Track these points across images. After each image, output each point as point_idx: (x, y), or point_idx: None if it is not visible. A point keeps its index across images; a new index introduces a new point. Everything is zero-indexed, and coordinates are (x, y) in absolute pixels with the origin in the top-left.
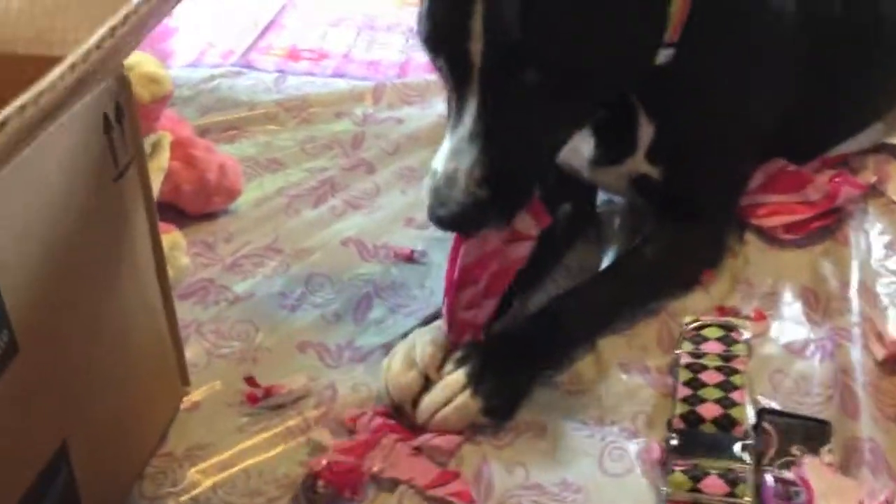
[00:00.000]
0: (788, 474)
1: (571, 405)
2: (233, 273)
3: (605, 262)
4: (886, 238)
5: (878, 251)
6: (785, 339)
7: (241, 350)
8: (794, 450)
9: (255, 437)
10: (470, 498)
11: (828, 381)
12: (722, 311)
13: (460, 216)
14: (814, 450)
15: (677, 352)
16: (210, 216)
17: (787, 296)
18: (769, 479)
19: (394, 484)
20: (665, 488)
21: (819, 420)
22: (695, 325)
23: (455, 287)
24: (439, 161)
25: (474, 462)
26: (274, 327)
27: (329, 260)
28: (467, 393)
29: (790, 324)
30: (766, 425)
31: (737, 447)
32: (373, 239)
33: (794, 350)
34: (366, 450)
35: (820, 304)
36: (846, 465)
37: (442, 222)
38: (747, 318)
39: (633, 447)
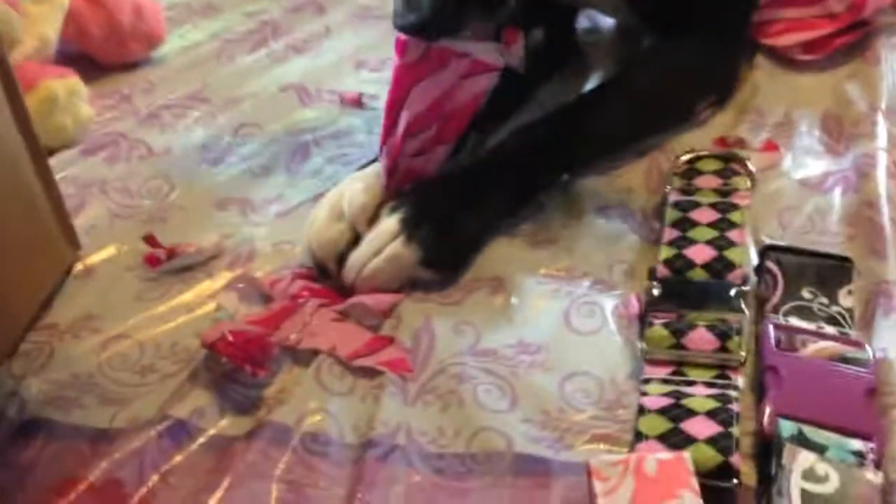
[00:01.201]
0: (796, 321)
1: (536, 257)
2: (149, 125)
3: None
4: None
5: None
6: (799, 172)
7: (151, 209)
8: (805, 293)
9: (155, 306)
10: (406, 367)
11: (850, 216)
12: (723, 142)
13: (433, 17)
14: (830, 293)
15: (666, 189)
16: (129, 66)
17: (804, 124)
18: (771, 329)
19: (312, 356)
20: (642, 345)
21: (837, 256)
22: (689, 158)
23: (403, 134)
24: None
25: (414, 323)
26: (191, 183)
27: (263, 108)
28: (400, 240)
29: (807, 156)
30: (770, 265)
31: (731, 294)
32: (316, 84)
33: (811, 184)
34: (282, 319)
35: (844, 131)
36: (871, 312)
37: (412, 28)
38: (754, 150)
39: (607, 302)
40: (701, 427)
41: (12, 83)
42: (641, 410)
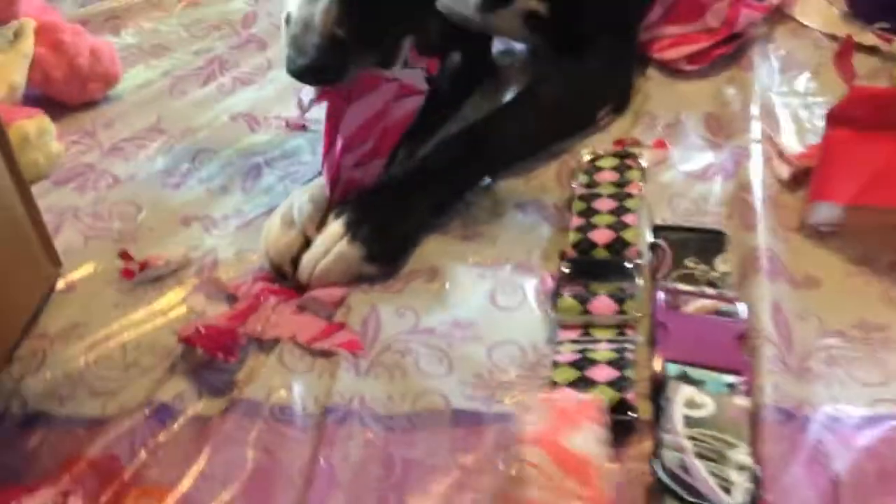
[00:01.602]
0: (680, 286)
1: (465, 249)
2: (113, 156)
3: None
4: (790, 60)
5: (780, 74)
6: (686, 165)
7: (122, 230)
8: (689, 262)
9: (133, 313)
10: (358, 346)
11: (727, 199)
12: (621, 143)
13: (320, 63)
14: (709, 261)
15: (573, 185)
16: (89, 105)
17: (689, 124)
18: (660, 293)
19: (275, 343)
20: (554, 314)
21: (713, 230)
22: (591, 157)
23: (342, 150)
24: (293, 5)
25: (362, 311)
26: (156, 205)
27: (216, 136)
28: (345, 241)
29: (691, 151)
30: (659, 241)
31: (627, 267)
32: (264, 112)
33: (695, 175)
34: (247, 315)
35: (722, 127)
36: (744, 274)
37: (302, 73)
38: (648, 147)
39: (527, 282)
40: (602, 373)
41: None
42: (555, 365)
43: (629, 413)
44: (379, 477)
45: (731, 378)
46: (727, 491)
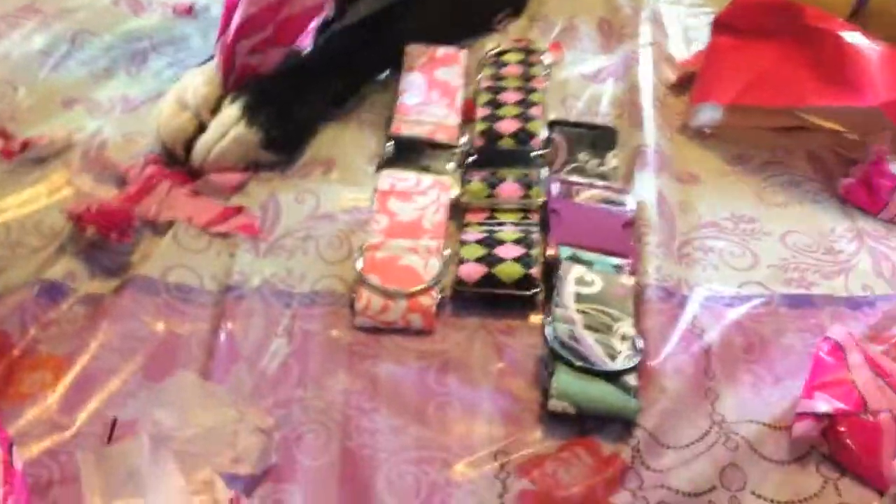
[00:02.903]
0: (573, 177)
1: (362, 138)
2: None
3: None
4: None
5: None
6: (579, 68)
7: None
8: (582, 156)
9: (15, 192)
10: (255, 230)
11: (618, 100)
12: (520, 42)
13: None
14: (600, 155)
15: (478, 78)
16: None
17: (583, 28)
18: (554, 183)
19: (170, 226)
20: (463, 198)
21: (605, 127)
22: (496, 51)
23: (235, 34)
24: None
25: (261, 196)
26: (34, 85)
27: (97, 18)
28: (242, 124)
29: (585, 53)
30: (555, 136)
31: (532, 155)
32: None
33: (589, 77)
34: (140, 197)
35: (614, 32)
36: (632, 168)
37: None
38: (544, 50)
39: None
40: (509, 251)
41: None
42: (462, 244)
43: (532, 289)
44: (280, 346)
45: (617, 260)
46: (612, 358)
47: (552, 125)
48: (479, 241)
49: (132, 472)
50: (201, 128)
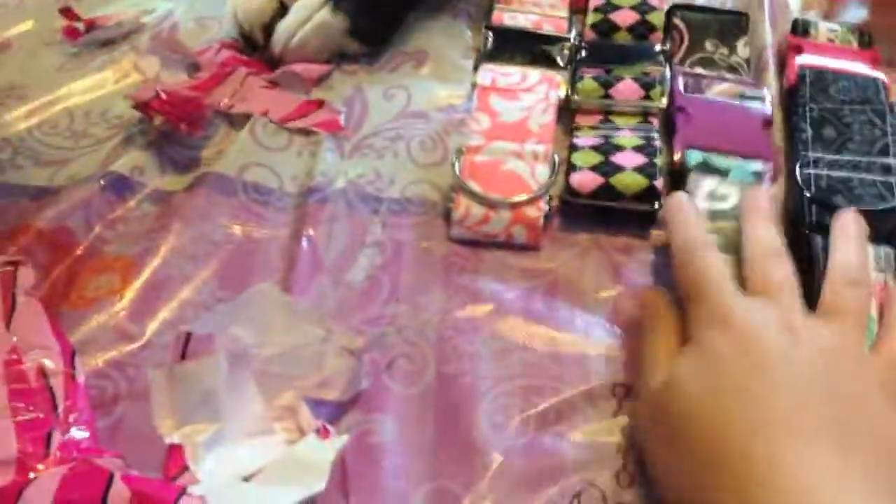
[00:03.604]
0: (700, 69)
1: (457, 29)
2: None
3: None
4: None
5: None
6: None
7: None
8: (708, 45)
9: (80, 77)
10: (338, 126)
11: None
12: None
13: None
14: (729, 45)
15: None
16: None
17: None
18: (679, 76)
19: (245, 119)
20: (575, 98)
21: (735, 12)
22: None
23: None
24: None
25: (344, 91)
26: None
27: None
28: (327, 9)
29: None
30: (676, 22)
31: (653, 51)
32: None
33: None
34: (212, 85)
35: None
36: (763, 63)
37: None
38: None
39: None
40: (629, 159)
41: None
42: (574, 148)
43: (656, 202)
44: (368, 257)
45: (758, 165)
46: None
47: (672, 10)
48: (593, 147)
49: (208, 393)
50: (283, 10)
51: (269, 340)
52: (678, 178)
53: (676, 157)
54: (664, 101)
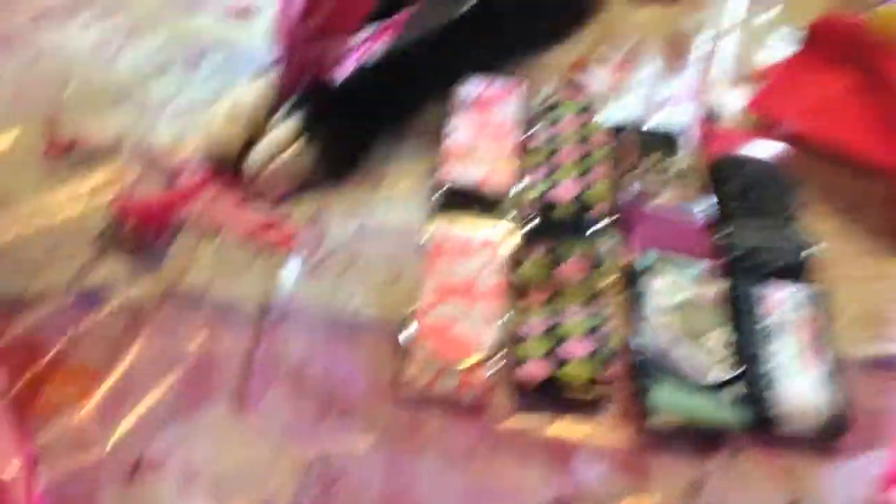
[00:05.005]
0: (648, 179)
1: (414, 153)
2: (36, 28)
3: None
4: None
5: None
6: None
7: (50, 101)
8: (654, 157)
9: (56, 193)
10: (291, 242)
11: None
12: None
13: None
14: (671, 156)
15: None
16: None
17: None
18: (630, 187)
19: (214, 233)
20: (521, 277)
21: (669, 132)
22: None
23: (302, 14)
24: None
25: (308, 211)
26: (88, 77)
27: (151, 14)
28: (299, 144)
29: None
30: (624, 137)
31: (596, 228)
32: None
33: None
34: (186, 199)
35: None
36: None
37: None
38: None
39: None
40: (576, 347)
41: None
42: (521, 340)
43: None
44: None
45: (703, 265)
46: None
47: (618, 131)
48: (542, 333)
49: None
50: (252, 141)
51: (220, 457)
52: (632, 276)
53: (629, 258)
54: (611, 279)
